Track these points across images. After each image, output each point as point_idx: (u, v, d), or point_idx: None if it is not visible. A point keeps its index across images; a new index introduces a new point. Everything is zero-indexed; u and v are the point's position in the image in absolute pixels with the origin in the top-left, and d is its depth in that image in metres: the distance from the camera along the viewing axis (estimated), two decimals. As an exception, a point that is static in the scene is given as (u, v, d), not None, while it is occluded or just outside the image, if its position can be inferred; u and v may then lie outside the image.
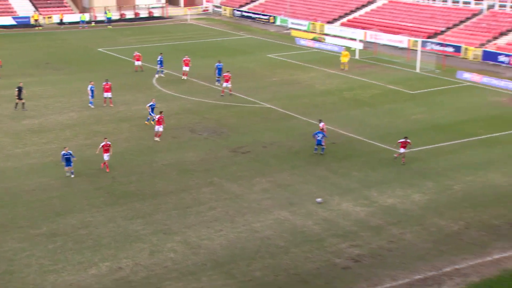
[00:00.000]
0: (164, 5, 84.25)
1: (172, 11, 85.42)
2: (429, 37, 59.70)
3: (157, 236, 24.25)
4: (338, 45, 60.73)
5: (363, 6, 72.26)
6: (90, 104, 41.14)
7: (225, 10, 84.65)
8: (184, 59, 48.40)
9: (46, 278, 21.38)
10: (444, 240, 23.82)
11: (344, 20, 70.20)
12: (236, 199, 27.49)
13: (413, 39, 58.08)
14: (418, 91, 45.22)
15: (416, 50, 52.96)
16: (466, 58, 55.46)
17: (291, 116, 39.35)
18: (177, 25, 78.58)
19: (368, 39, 63.11)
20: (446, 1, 65.40)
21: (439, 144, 33.85)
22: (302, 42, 64.19)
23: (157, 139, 34.57)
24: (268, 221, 25.46)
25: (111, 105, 41.35)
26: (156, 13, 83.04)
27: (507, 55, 52.41)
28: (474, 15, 61.69)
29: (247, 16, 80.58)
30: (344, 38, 64.16)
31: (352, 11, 71.87)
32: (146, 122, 37.33)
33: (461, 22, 61.46)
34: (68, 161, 29.25)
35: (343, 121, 38.18)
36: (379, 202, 27.05)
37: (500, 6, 60.74)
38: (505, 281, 21.15)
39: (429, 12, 64.83)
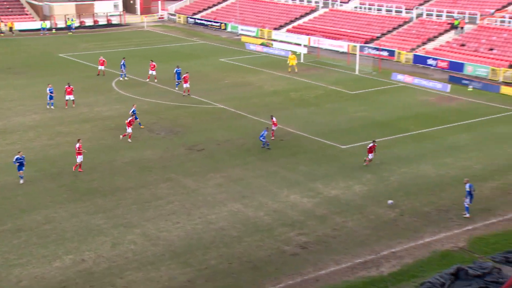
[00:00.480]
0: (121, 13, 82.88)
1: (129, 18, 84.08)
2: (366, 42, 60.65)
3: (118, 229, 23.85)
4: (285, 50, 61.06)
5: (307, 14, 72.85)
6: (48, 106, 40.09)
7: (179, 17, 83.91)
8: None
9: (11, 272, 20.75)
10: (382, 226, 24.26)
11: (290, 26, 70.59)
12: (192, 193, 27.31)
13: (352, 44, 58.90)
14: (358, 91, 45.92)
15: (355, 54, 53.74)
16: (399, 61, 56.60)
17: (242, 116, 39.34)
18: (135, 32, 77.41)
19: (312, 44, 63.65)
20: (380, 10, 66.56)
21: (376, 139, 34.39)
22: (252, 47, 64.23)
23: (128, 140, 33.80)
24: (222, 213, 25.39)
25: (73, 106, 40.43)
26: (114, 20, 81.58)
27: (434, 59, 53.74)
28: (405, 22, 63.02)
29: (200, 23, 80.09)
30: (290, 43, 64.53)
31: (296, 19, 72.34)
32: (141, 126, 35.98)
33: (394, 29, 62.66)
34: (21, 165, 28.06)
35: (290, 119, 38.39)
36: (324, 193, 27.33)
37: (427, 14, 62.25)
38: (435, 261, 21.73)
39: (366, 20, 65.86)
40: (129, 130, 33.96)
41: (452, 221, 24.70)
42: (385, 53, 57.45)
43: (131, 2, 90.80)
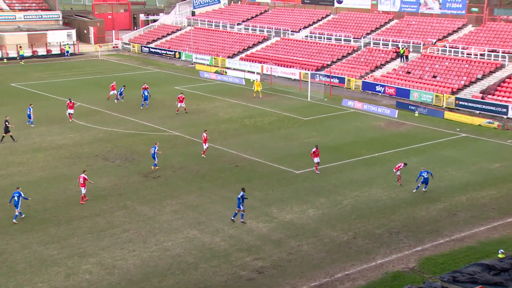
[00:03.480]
0: (75, 42, 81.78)
1: (83, 48, 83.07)
2: (317, 70, 61.75)
3: (72, 259, 23.16)
4: (239, 77, 61.47)
5: (259, 42, 73.75)
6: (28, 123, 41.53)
7: (133, 46, 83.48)
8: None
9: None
10: (336, 249, 24.43)
11: (243, 55, 71.23)
12: (148, 220, 26.88)
13: (303, 71, 59.84)
14: (310, 117, 46.55)
15: (307, 81, 54.58)
16: (349, 88, 57.79)
17: (198, 143, 39.20)
18: (89, 61, 76.50)
19: (265, 72, 64.34)
20: (330, 39, 68.04)
21: (329, 164, 34.87)
22: (206, 75, 64.41)
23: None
24: (178, 239, 25.05)
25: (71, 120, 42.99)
26: (68, 50, 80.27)
27: (382, 85, 55.16)
28: (354, 51, 64.60)
29: (154, 52, 79.89)
30: (244, 71, 65.08)
31: (249, 47, 73.12)
32: (153, 167, 33.74)
33: (344, 57, 64.08)
34: None
35: (245, 145, 38.51)
36: (279, 218, 27.38)
37: (374, 43, 64.06)
38: (387, 282, 21.98)
39: (317, 48, 67.18)
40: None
41: (402, 242, 25.12)
42: (336, 80, 58.60)
43: (85, 31, 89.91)
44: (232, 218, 26.77)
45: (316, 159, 33.01)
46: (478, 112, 47.78)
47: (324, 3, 75.98)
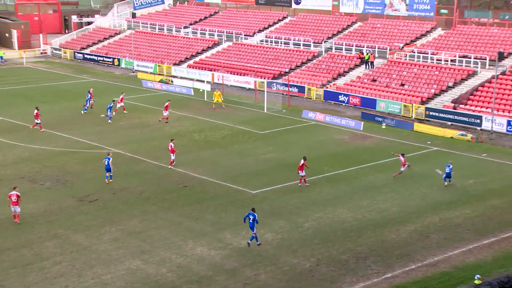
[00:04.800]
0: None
1: (5, 54, 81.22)
2: (274, 78, 62.37)
3: (-6, 298, 22.51)
4: (187, 87, 61.46)
5: (209, 48, 74.03)
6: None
7: (65, 52, 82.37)
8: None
9: None
10: (297, 278, 24.58)
11: (191, 62, 71.33)
12: (84, 251, 26.42)
13: (259, 80, 60.34)
14: (267, 131, 46.88)
15: (263, 91, 55.05)
16: (309, 98, 58.55)
17: (141, 160, 38.90)
18: (12, 68, 74.98)
19: (216, 81, 64.55)
20: (288, 44, 68.93)
21: (289, 182, 35.15)
22: (149, 84, 64.10)
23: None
24: (119, 271, 24.71)
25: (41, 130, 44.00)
26: (2, 55, 78.39)
27: (345, 95, 56.12)
28: (315, 57, 65.61)
29: (89, 58, 79.03)
30: (192, 80, 65.12)
31: (198, 53, 73.30)
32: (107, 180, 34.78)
33: (303, 63, 65.00)
34: None
35: (194, 163, 38.42)
36: (233, 244, 27.38)
37: (337, 49, 65.26)
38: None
39: (273, 54, 67.90)
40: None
41: (370, 269, 25.49)
42: (295, 90, 59.31)
43: (6, 35, 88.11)
44: (249, 241, 27.04)
45: (302, 173, 34.24)
46: (450, 123, 49.25)
47: (280, 4, 77.08)
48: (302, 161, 34.44)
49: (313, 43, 67.22)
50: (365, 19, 69.51)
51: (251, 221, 27.01)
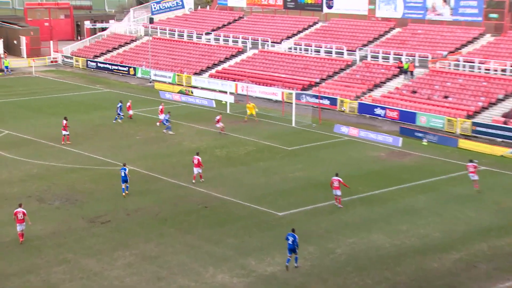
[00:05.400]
0: (2, 55, 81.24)
1: (13, 62, 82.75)
2: (303, 89, 62.43)
3: (-2, 327, 22.73)
4: (208, 99, 61.81)
5: (233, 56, 74.47)
6: None
7: (77, 61, 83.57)
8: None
9: None
10: (329, 309, 24.40)
11: (213, 71, 71.82)
12: (95, 277, 26.58)
13: (287, 91, 60.43)
14: (295, 147, 46.84)
15: (291, 103, 55.08)
16: (342, 111, 58.41)
17: (157, 178, 39.13)
18: (20, 78, 76.27)
19: (240, 92, 64.82)
20: (318, 52, 69.00)
21: (319, 204, 35.03)
22: (167, 95, 64.64)
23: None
24: (133, 300, 24.80)
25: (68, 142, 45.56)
26: (8, 65, 79.29)
27: (382, 108, 55.85)
28: (348, 66, 65.57)
29: (103, 67, 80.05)
30: (214, 90, 65.51)
31: (221, 62, 73.78)
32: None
33: (335, 73, 64.97)
34: None
35: (216, 181, 38.52)
36: (258, 271, 27.31)
37: (373, 57, 65.08)
38: None
39: (302, 62, 68.00)
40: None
41: (410, 299, 25.21)
42: (326, 102, 59.26)
43: (15, 42, 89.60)
44: (287, 263, 27.19)
45: (337, 192, 34.22)
46: (499, 140, 48.67)
47: (311, 8, 77.32)
48: (336, 179, 34.39)
49: (346, 51, 67.22)
50: (405, 24, 69.28)
51: (290, 242, 27.01)
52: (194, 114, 56.80)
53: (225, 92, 61.34)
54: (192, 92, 65.57)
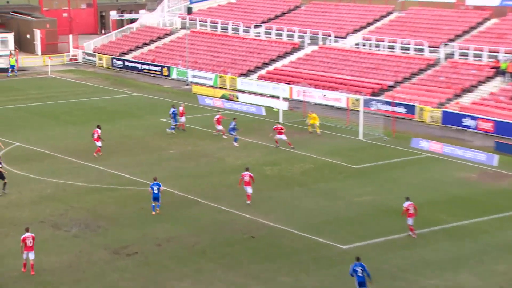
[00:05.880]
0: (13, 52, 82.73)
1: (25, 61, 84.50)
2: (374, 94, 61.99)
3: None
4: (256, 105, 61.95)
5: (287, 53, 74.50)
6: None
7: (100, 59, 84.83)
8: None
9: None
10: None
11: (263, 71, 71.98)
12: (119, 320, 26.83)
13: (353, 96, 60.11)
14: (363, 165, 46.51)
15: (358, 111, 54.76)
16: (422, 121, 57.79)
17: (194, 202, 39.31)
18: (33, 79, 77.78)
19: (295, 97, 64.77)
20: (393, 49, 68.51)
21: (392, 235, 34.68)
22: (208, 101, 65.02)
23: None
24: None
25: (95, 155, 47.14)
26: (1, 63, 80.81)
27: (473, 118, 55.03)
28: (430, 66, 64.88)
29: (132, 67, 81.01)
30: (264, 95, 65.61)
31: (272, 60, 73.89)
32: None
33: (414, 75, 64.37)
34: None
35: (265, 206, 38.50)
36: (316, 317, 27.19)
37: (461, 54, 64.23)
38: None
39: (373, 61, 67.57)
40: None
41: None
42: (402, 110, 58.74)
43: (27, 36, 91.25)
44: None
45: (409, 221, 34.07)
46: None
47: (383, -5, 77.05)
48: (406, 203, 34.05)
49: (428, 47, 66.61)
50: (503, 14, 68.23)
51: (359, 274, 27.01)
52: (239, 124, 56.83)
53: (278, 98, 61.36)
54: (237, 97, 65.81)
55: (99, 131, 47.57)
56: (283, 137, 49.76)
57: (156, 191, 36.79)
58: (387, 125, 54.71)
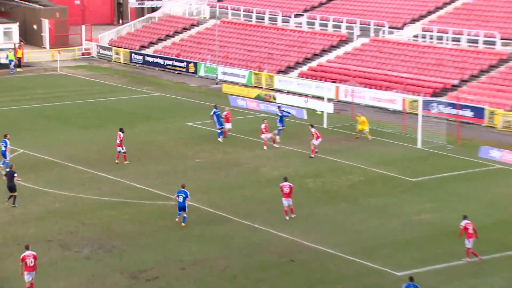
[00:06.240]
0: (18, 45, 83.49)
1: (31, 55, 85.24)
2: (434, 95, 61.66)
3: None
4: (296, 107, 61.75)
5: (333, 47, 74.40)
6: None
7: (117, 53, 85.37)
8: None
9: None
10: None
11: (304, 68, 71.91)
12: None
13: (410, 97, 59.80)
14: (422, 178, 46.23)
15: (416, 114, 54.45)
16: (492, 127, 57.34)
17: (224, 219, 39.29)
18: (40, 76, 78.50)
19: (342, 98, 64.62)
20: (458, 41, 68.06)
21: (455, 261, 34.37)
22: (241, 102, 65.07)
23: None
24: None
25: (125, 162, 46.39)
26: (2, 58, 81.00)
27: (556, 123, 54.64)
28: (503, 61, 64.38)
29: (153, 62, 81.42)
30: (306, 96, 65.50)
31: (315, 55, 73.83)
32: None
33: (483, 72, 63.93)
34: None
35: (306, 225, 38.39)
36: None
37: (539, 47, 63.79)
38: None
39: (434, 56, 67.21)
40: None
41: None
42: (468, 113, 58.34)
43: (34, 27, 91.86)
44: None
45: (469, 243, 33.84)
46: None
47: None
48: (464, 223, 33.70)
49: (500, 39, 66.16)
50: None
51: None
52: (277, 128, 56.86)
53: (321, 99, 61.26)
54: (274, 98, 65.81)
55: (122, 135, 47.94)
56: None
57: (181, 200, 37.33)
58: (450, 131, 54.39)
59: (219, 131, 53.71)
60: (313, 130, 50.00)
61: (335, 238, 36.94)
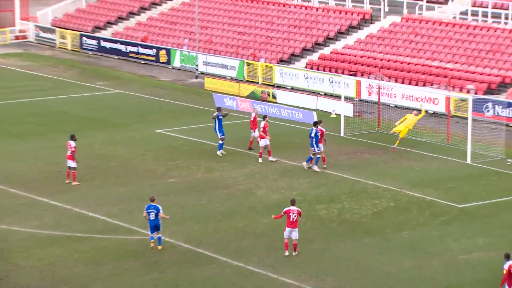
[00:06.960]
0: None
1: None
2: (489, 92, 61.92)
3: None
4: (303, 109, 61.89)
5: (352, 28, 74.55)
6: None
7: (63, 37, 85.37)
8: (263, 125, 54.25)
9: None
10: None
11: (314, 56, 72.11)
12: None
13: (456, 95, 60.01)
14: (472, 204, 46.42)
15: (464, 117, 54.62)
16: None
17: (208, 258, 39.38)
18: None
19: (365, 96, 64.79)
20: (519, 19, 68.56)
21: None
22: (229, 102, 65.10)
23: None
24: None
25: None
26: None
27: None
28: None
29: (111, 49, 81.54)
30: (316, 93, 65.65)
31: (328, 39, 74.01)
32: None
33: (553, 60, 64.40)
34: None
35: (317, 267, 38.52)
36: None
37: None
38: None
39: (488, 41, 67.45)
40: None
41: None
42: (534, 117, 58.74)
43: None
44: None
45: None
46: None
47: None
48: (507, 264, 33.51)
49: None
50: None
51: None
52: (277, 137, 56.98)
53: (338, 98, 61.41)
54: (274, 97, 65.94)
55: (73, 144, 48.07)
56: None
57: (153, 217, 37.77)
58: (511, 141, 54.56)
59: (221, 142, 53.84)
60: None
61: (355, 284, 37.08)
